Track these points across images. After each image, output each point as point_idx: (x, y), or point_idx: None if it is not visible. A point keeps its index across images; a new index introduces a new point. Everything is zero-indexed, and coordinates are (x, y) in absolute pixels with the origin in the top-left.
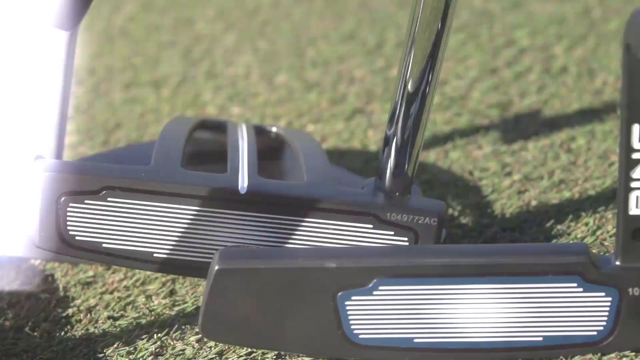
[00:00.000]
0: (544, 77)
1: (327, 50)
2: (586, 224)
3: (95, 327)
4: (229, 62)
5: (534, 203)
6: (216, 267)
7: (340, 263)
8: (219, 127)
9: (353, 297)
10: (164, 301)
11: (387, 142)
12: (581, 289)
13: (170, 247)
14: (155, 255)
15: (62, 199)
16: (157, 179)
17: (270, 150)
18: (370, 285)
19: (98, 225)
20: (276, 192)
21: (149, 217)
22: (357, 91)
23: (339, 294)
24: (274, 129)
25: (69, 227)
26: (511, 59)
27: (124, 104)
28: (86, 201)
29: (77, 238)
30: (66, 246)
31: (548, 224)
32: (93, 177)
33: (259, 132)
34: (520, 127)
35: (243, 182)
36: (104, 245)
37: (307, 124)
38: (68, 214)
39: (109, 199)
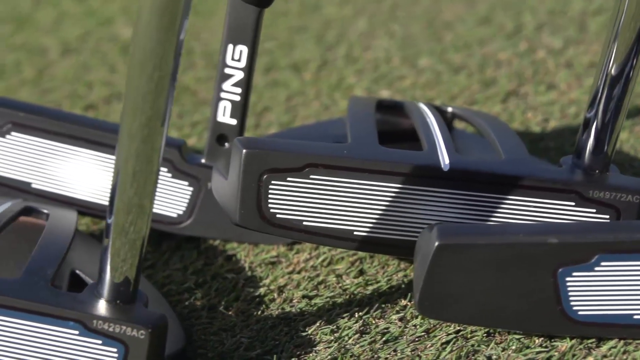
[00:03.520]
0: None
1: (465, 34)
2: None
3: (291, 306)
4: (366, 46)
5: None
6: (436, 243)
7: (562, 238)
8: (395, 107)
9: (574, 273)
10: (355, 280)
11: (587, 123)
12: None
13: (371, 225)
14: (355, 233)
15: (265, 176)
16: (359, 156)
17: (452, 128)
18: (592, 261)
19: (299, 202)
20: (478, 170)
21: (349, 194)
22: (507, 74)
23: (560, 270)
24: (449, 109)
25: (270, 205)
26: None
27: (267, 87)
28: (288, 178)
29: (277, 216)
30: (266, 224)
31: None
32: (296, 154)
33: (440, 111)
34: None
35: (444, 160)
36: (304, 223)
37: (461, 105)
38: (270, 191)
39: (311, 176)
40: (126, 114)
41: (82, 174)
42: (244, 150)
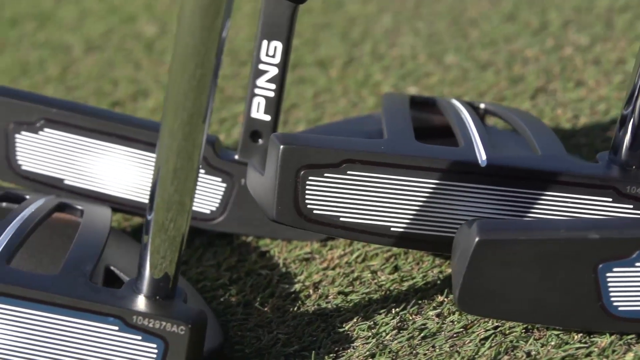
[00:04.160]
0: None
1: (491, 31)
2: None
3: (327, 303)
4: (392, 43)
5: None
6: (477, 239)
7: (603, 234)
8: (427, 103)
9: (614, 269)
10: (391, 277)
11: (624, 119)
12: None
13: (408, 221)
14: (392, 229)
15: (302, 172)
16: (396, 151)
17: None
18: (633, 256)
19: (336, 198)
20: (516, 165)
21: (386, 190)
22: (534, 70)
23: (600, 265)
24: (481, 105)
25: (307, 201)
26: None
27: (294, 84)
28: (326, 174)
29: (314, 212)
30: (303, 220)
31: None
32: (334, 150)
33: (472, 107)
34: None
35: (481, 156)
36: (341, 219)
37: (491, 102)
38: (307, 187)
39: (348, 172)
40: (168, 112)
41: (114, 170)
42: (282, 146)
